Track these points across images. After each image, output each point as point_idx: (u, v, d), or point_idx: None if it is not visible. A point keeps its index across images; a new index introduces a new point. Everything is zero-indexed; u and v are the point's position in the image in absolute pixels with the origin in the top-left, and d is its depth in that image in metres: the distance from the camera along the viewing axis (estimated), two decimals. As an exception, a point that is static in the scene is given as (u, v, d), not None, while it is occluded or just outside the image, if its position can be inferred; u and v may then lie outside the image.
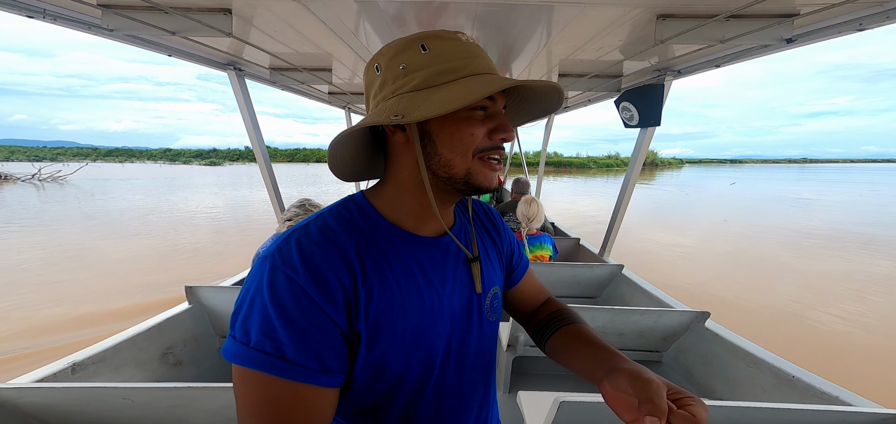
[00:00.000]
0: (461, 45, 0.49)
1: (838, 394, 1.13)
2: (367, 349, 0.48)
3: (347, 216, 0.52)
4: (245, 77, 2.12)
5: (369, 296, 0.47)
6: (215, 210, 11.71)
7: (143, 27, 1.21)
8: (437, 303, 0.52)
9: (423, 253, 0.53)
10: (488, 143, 0.49)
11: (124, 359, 1.41)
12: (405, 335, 0.50)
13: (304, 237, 0.47)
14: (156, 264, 5.88)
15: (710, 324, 1.65)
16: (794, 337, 3.78)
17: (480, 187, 0.51)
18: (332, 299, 0.44)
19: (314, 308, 0.43)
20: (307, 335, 0.43)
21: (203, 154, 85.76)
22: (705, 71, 1.90)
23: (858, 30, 1.24)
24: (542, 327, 0.65)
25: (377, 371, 0.50)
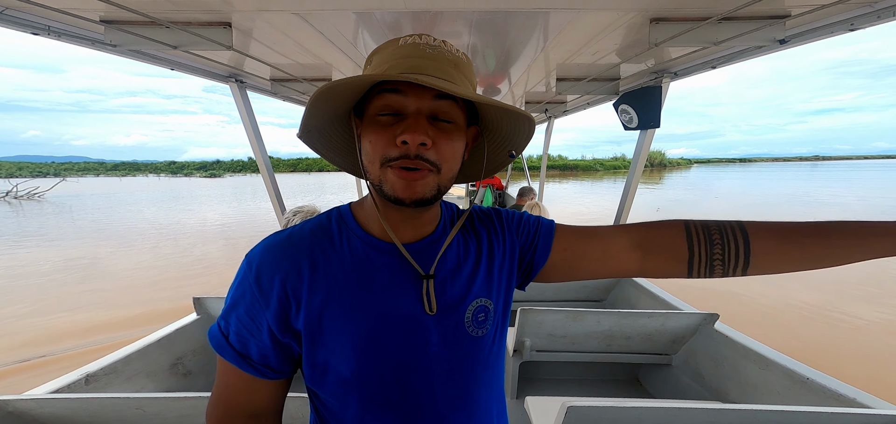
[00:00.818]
0: (393, 50, 0.47)
1: (855, 396, 1.11)
2: (310, 349, 0.50)
3: (325, 224, 0.54)
4: (246, 88, 2.16)
5: (313, 299, 0.49)
6: (178, 227, 11.02)
7: (146, 42, 1.24)
8: (394, 312, 0.50)
9: (385, 261, 0.52)
10: (395, 150, 0.45)
11: (136, 370, 1.43)
12: (352, 340, 0.49)
13: (272, 239, 0.52)
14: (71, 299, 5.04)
15: (719, 326, 1.64)
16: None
17: (393, 199, 0.46)
18: (267, 297, 0.48)
19: (253, 302, 0.49)
20: (243, 324, 0.49)
21: (207, 166, 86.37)
22: (702, 72, 1.91)
23: (850, 30, 1.25)
24: (709, 244, 0.54)
25: (324, 373, 0.51)
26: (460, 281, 0.54)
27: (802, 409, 0.88)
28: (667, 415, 0.90)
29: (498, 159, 0.60)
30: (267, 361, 0.50)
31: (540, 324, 1.67)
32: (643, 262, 0.57)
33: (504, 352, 0.60)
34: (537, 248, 0.59)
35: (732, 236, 0.53)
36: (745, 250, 0.53)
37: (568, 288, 2.43)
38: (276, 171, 3.86)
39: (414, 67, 0.45)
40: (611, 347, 1.76)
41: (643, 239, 0.57)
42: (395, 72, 0.45)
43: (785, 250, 0.52)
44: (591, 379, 1.98)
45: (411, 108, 0.46)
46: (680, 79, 2.01)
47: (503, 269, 0.58)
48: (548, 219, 0.63)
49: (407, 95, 0.46)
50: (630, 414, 0.90)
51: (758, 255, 0.52)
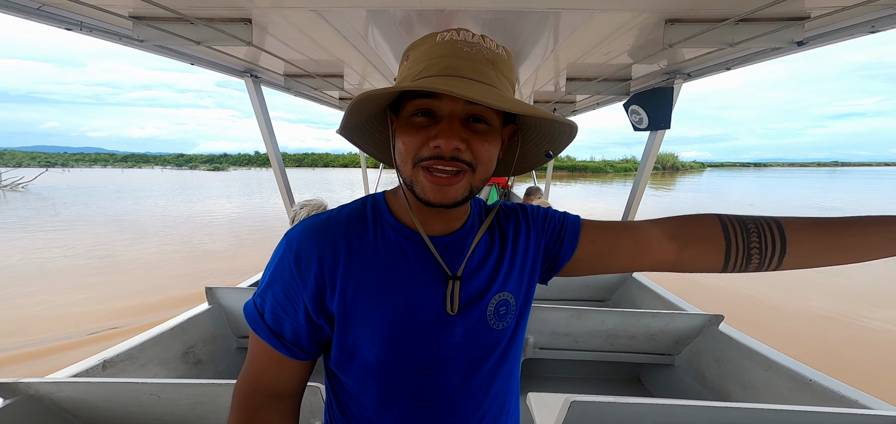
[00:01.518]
0: (429, 48, 0.47)
1: (857, 398, 1.12)
2: (342, 332, 0.52)
3: (360, 210, 0.56)
4: (261, 84, 2.19)
5: (347, 283, 0.50)
6: (144, 227, 9.68)
7: (171, 37, 1.27)
8: (421, 304, 0.51)
9: (416, 252, 0.53)
10: (428, 152, 0.46)
11: (149, 357, 1.48)
12: (379, 328, 0.50)
13: (311, 221, 0.53)
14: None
15: (723, 327, 1.64)
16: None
17: (423, 200, 0.47)
18: (304, 277, 0.50)
19: (292, 281, 0.50)
20: (279, 303, 0.50)
21: (214, 159, 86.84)
22: (715, 74, 1.89)
23: (871, 32, 1.23)
24: (746, 235, 0.54)
25: (351, 357, 0.52)
26: (484, 275, 0.55)
27: (804, 409, 0.89)
28: (669, 413, 0.91)
29: (533, 157, 0.61)
30: (299, 341, 0.51)
31: (544, 322, 1.69)
32: (680, 253, 0.57)
33: (521, 346, 0.61)
34: (563, 242, 0.60)
35: (768, 228, 0.54)
36: (781, 242, 0.53)
37: (572, 287, 2.43)
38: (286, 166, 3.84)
39: (450, 67, 0.45)
40: (614, 346, 1.77)
41: (679, 230, 0.57)
42: (431, 73, 0.45)
43: (824, 240, 0.52)
44: (593, 378, 1.99)
45: (445, 111, 0.46)
46: (693, 80, 1.99)
47: (526, 264, 0.59)
48: (574, 214, 0.64)
49: (441, 99, 0.46)
50: (633, 411, 0.92)
51: (795, 244, 0.52)
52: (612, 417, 0.92)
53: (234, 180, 32.83)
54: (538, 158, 0.60)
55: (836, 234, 0.52)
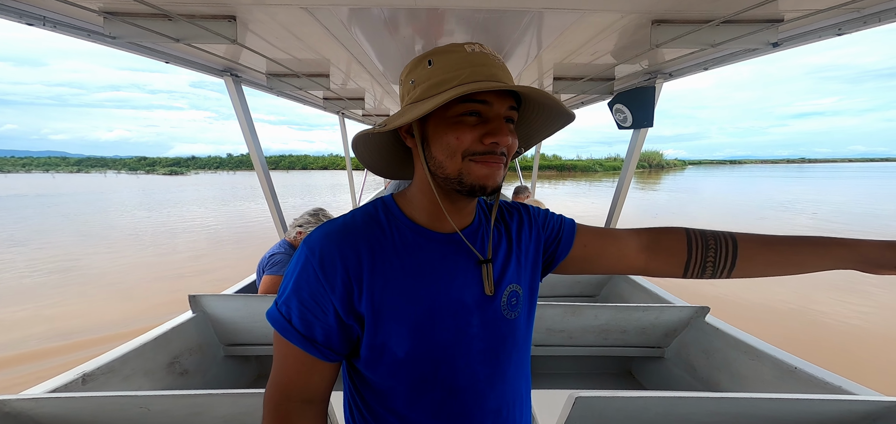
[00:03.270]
0: (463, 57, 0.52)
1: (840, 384, 1.17)
2: (372, 331, 0.53)
3: (372, 213, 0.58)
4: (242, 83, 2.10)
5: (374, 283, 0.53)
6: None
7: (147, 34, 1.20)
8: (444, 297, 0.55)
9: (435, 249, 0.57)
10: (480, 147, 0.51)
11: (133, 369, 1.40)
12: (409, 323, 0.53)
13: (330, 227, 0.55)
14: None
15: (710, 319, 1.69)
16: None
17: (476, 186, 0.52)
18: (331, 281, 0.51)
19: (318, 286, 0.52)
20: (307, 308, 0.52)
21: (181, 162, 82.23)
22: (694, 73, 1.97)
23: (838, 34, 1.31)
24: (704, 249, 0.64)
25: (381, 354, 0.54)
26: (497, 267, 0.60)
27: (790, 397, 0.93)
28: (667, 404, 0.94)
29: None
30: (330, 342, 0.53)
31: (539, 318, 1.70)
32: (648, 262, 0.67)
33: (530, 338, 0.66)
34: (560, 242, 0.68)
35: (724, 242, 0.64)
36: (733, 255, 0.63)
37: (563, 283, 2.47)
38: (249, 168, 3.52)
39: (493, 74, 0.52)
40: (607, 341, 1.80)
41: (651, 242, 0.67)
42: (479, 77, 0.51)
43: (769, 257, 0.63)
44: (586, 373, 2.02)
45: (495, 111, 0.52)
46: (673, 80, 2.07)
47: (529, 258, 0.65)
48: (569, 217, 0.71)
49: (491, 102, 0.51)
50: (634, 404, 0.94)
51: (743, 259, 0.63)
52: (614, 410, 0.93)
53: (181, 186, 28.09)
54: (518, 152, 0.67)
55: (779, 253, 0.62)
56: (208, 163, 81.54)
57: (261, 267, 1.95)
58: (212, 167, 77.07)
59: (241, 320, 1.75)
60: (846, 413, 0.95)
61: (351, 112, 4.02)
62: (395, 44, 1.59)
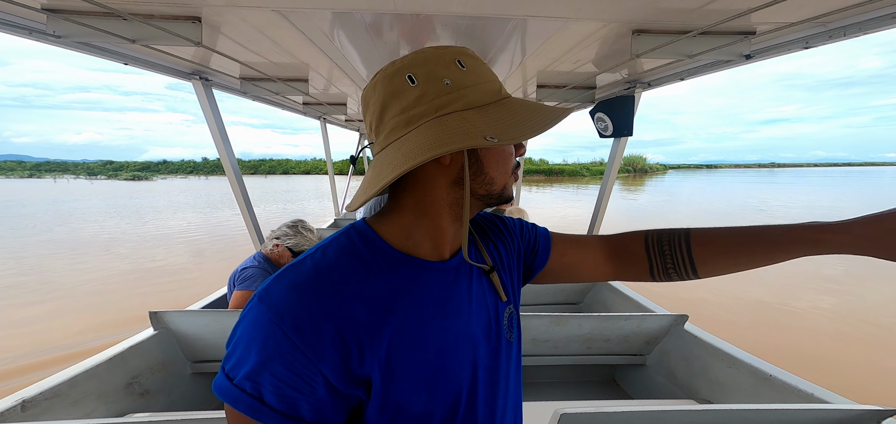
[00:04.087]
0: (485, 65, 0.51)
1: (813, 391, 1.19)
2: (383, 391, 0.44)
3: (350, 247, 0.47)
4: (213, 87, 2.00)
5: (379, 337, 0.44)
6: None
7: (97, 34, 1.10)
8: (455, 333, 0.49)
9: (436, 280, 0.49)
10: (513, 160, 0.53)
11: (84, 392, 1.28)
12: (422, 372, 0.46)
13: (296, 277, 0.43)
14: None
15: (688, 326, 1.72)
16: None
17: (509, 196, 0.53)
18: (317, 348, 0.41)
19: (297, 355, 0.41)
20: (284, 382, 0.41)
21: (151, 167, 77.95)
22: (671, 83, 2.02)
23: (805, 47, 1.36)
24: (661, 254, 0.61)
25: (396, 414, 0.46)
26: (505, 277, 0.58)
27: (767, 407, 0.94)
28: (648, 417, 0.93)
29: None
30: (324, 417, 0.43)
31: (525, 329, 1.68)
32: (617, 270, 0.66)
33: (521, 354, 0.62)
34: (538, 254, 0.65)
35: (678, 245, 0.61)
36: (689, 258, 0.60)
37: (546, 293, 2.47)
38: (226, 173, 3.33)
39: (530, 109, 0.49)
40: (591, 350, 1.80)
41: (616, 250, 0.66)
42: (537, 122, 0.48)
43: (719, 257, 0.59)
44: (571, 382, 2.01)
45: None
46: (652, 89, 2.11)
47: (514, 273, 0.62)
48: (542, 227, 0.68)
49: None
50: (617, 418, 0.93)
51: (700, 262, 0.59)
52: None
53: (137, 192, 25.21)
54: None
55: (733, 253, 0.58)
56: (181, 167, 77.78)
57: (232, 281, 1.85)
58: (185, 172, 73.66)
59: (210, 335, 1.65)
60: (821, 422, 0.96)
61: (333, 117, 3.93)
62: (378, 49, 1.55)
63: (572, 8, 1.10)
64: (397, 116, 0.46)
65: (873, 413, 0.95)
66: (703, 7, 1.07)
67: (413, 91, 0.46)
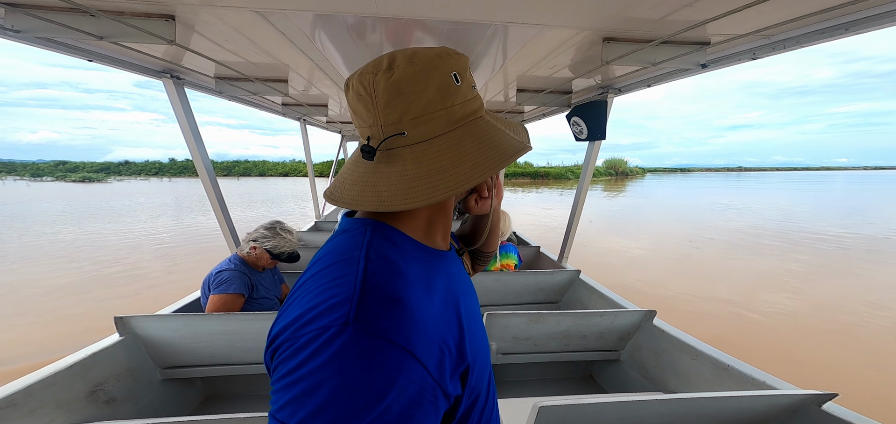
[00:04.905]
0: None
1: (765, 379, 1.29)
2: (471, 378, 0.42)
3: (393, 247, 0.42)
4: (185, 85, 1.94)
5: (460, 328, 0.42)
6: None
7: (61, 29, 1.05)
8: (477, 313, 0.53)
9: (454, 268, 0.50)
10: None
11: (42, 401, 1.21)
12: (482, 353, 0.47)
13: (386, 289, 0.36)
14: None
15: (657, 322, 1.80)
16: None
17: (484, 211, 0.59)
18: (441, 366, 0.36)
19: (428, 380, 0.34)
20: (429, 417, 0.35)
21: (111, 168, 72.17)
22: (639, 89, 2.13)
23: (753, 58, 1.47)
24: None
25: (474, 401, 0.44)
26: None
27: (725, 395, 1.01)
28: (622, 408, 0.99)
29: None
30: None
31: (505, 328, 1.72)
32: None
33: None
34: None
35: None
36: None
37: (527, 291, 2.53)
38: (195, 175, 3.08)
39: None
40: (568, 346, 1.86)
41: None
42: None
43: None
44: (550, 379, 2.07)
45: None
46: (623, 95, 2.22)
47: None
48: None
49: None
50: (593, 410, 0.97)
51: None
52: (575, 417, 0.96)
53: (74, 196, 21.65)
54: None
55: None
56: (144, 168, 72.65)
57: (206, 284, 1.80)
58: (149, 173, 69.01)
59: (181, 340, 1.60)
60: (770, 407, 1.05)
61: (314, 119, 3.87)
62: (360, 51, 1.55)
63: (548, 15, 1.16)
64: (442, 111, 0.43)
65: (815, 397, 1.04)
66: (665, 18, 1.14)
67: (457, 90, 0.44)
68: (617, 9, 1.09)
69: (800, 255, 7.36)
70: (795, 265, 6.60)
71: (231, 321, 1.58)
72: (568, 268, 2.63)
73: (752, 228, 10.69)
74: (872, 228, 10.78)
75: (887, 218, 12.78)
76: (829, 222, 11.59)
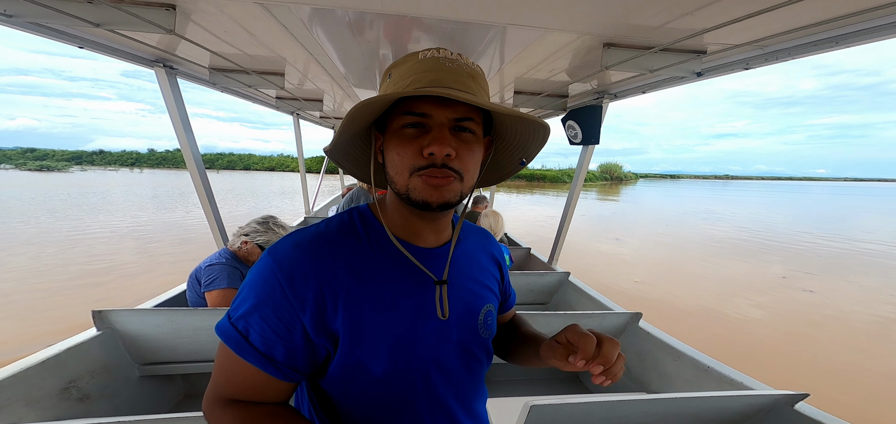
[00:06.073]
0: (414, 64, 0.50)
1: (742, 380, 1.34)
2: (347, 349, 0.49)
3: (348, 223, 0.54)
4: (177, 76, 1.89)
5: (352, 298, 0.49)
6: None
7: (58, 16, 1.02)
8: (424, 313, 0.53)
9: (413, 264, 0.54)
10: (421, 160, 0.48)
11: (8, 399, 1.17)
12: (389, 339, 0.50)
13: (301, 237, 0.51)
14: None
15: (642, 324, 1.85)
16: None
17: (420, 203, 0.49)
18: (301, 297, 0.47)
19: (285, 303, 0.47)
20: (269, 325, 0.47)
21: (84, 156, 68.48)
22: (634, 95, 2.17)
23: (745, 68, 1.52)
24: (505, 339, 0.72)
25: (356, 373, 0.50)
26: (476, 287, 0.60)
27: (705, 395, 1.04)
28: (609, 408, 1.01)
29: (509, 166, 0.63)
30: (294, 362, 0.49)
31: None
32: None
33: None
34: (503, 307, 0.72)
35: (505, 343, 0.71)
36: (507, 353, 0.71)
37: (518, 293, 2.55)
38: (180, 167, 2.87)
39: (436, 80, 0.48)
40: None
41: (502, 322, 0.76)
42: (420, 84, 0.47)
43: (514, 357, 0.70)
44: (540, 379, 2.09)
45: (436, 120, 0.48)
46: (618, 100, 2.25)
47: (496, 282, 0.67)
48: (513, 291, 0.75)
49: (431, 109, 0.48)
50: (581, 409, 0.99)
51: (509, 356, 0.72)
52: (565, 416, 0.98)
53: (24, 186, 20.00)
54: (513, 166, 0.63)
55: (514, 353, 0.69)
56: (120, 158, 69.38)
57: (194, 277, 1.76)
58: (126, 163, 65.98)
59: (162, 336, 1.56)
60: (747, 407, 1.09)
61: (307, 113, 3.82)
62: (358, 46, 1.54)
63: (550, 19, 1.17)
64: None
65: (789, 397, 1.09)
66: (664, 25, 1.17)
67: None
68: (619, 15, 1.11)
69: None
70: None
71: (216, 315, 1.55)
72: (558, 270, 2.66)
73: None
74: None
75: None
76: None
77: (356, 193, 3.00)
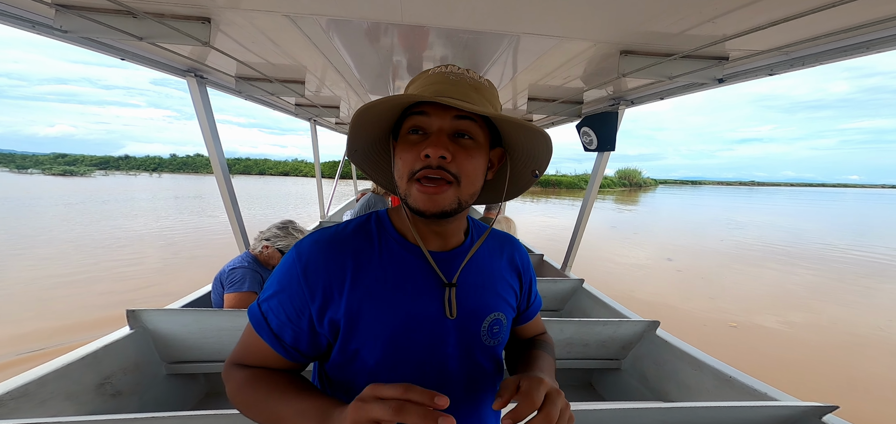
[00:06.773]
0: (423, 79, 0.54)
1: (767, 391, 1.29)
2: (346, 338, 0.54)
3: (365, 225, 0.59)
4: (207, 85, 1.99)
5: (354, 290, 0.53)
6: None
7: (105, 30, 1.09)
8: (423, 314, 0.55)
9: (420, 265, 0.57)
10: (419, 164, 0.50)
11: (51, 392, 1.24)
12: (384, 333, 0.54)
13: (321, 235, 0.56)
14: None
15: (660, 332, 1.80)
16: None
17: (416, 211, 0.51)
18: (312, 288, 0.53)
19: (299, 292, 0.53)
20: (284, 310, 0.53)
21: (111, 162, 70.81)
22: (651, 102, 2.14)
23: (769, 74, 1.48)
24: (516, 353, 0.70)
25: (352, 361, 0.55)
26: (483, 294, 0.60)
27: (726, 405, 1.02)
28: (622, 416, 1.00)
29: (522, 179, 0.64)
30: (298, 345, 0.55)
31: None
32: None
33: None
34: (524, 314, 0.70)
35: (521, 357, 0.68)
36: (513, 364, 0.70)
37: None
38: (203, 171, 2.92)
39: (438, 91, 0.51)
40: (570, 354, 1.87)
41: (525, 333, 0.74)
42: (423, 95, 0.50)
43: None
44: None
45: (434, 126, 0.51)
46: (634, 106, 2.23)
47: (513, 291, 0.66)
48: (541, 301, 0.75)
49: (430, 116, 0.51)
50: (593, 417, 0.98)
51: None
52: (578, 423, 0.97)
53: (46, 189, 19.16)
54: (527, 179, 0.64)
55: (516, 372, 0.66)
56: (143, 163, 71.19)
57: (219, 280, 1.82)
58: (147, 168, 67.65)
59: (189, 335, 1.62)
60: (771, 418, 1.05)
61: (324, 119, 3.92)
62: (376, 54, 1.58)
63: (566, 27, 1.17)
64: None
65: (816, 409, 1.05)
66: (685, 32, 1.15)
67: None
68: (637, 23, 1.10)
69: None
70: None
71: (239, 317, 1.60)
72: (571, 277, 2.64)
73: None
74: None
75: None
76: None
77: (371, 199, 3.05)
